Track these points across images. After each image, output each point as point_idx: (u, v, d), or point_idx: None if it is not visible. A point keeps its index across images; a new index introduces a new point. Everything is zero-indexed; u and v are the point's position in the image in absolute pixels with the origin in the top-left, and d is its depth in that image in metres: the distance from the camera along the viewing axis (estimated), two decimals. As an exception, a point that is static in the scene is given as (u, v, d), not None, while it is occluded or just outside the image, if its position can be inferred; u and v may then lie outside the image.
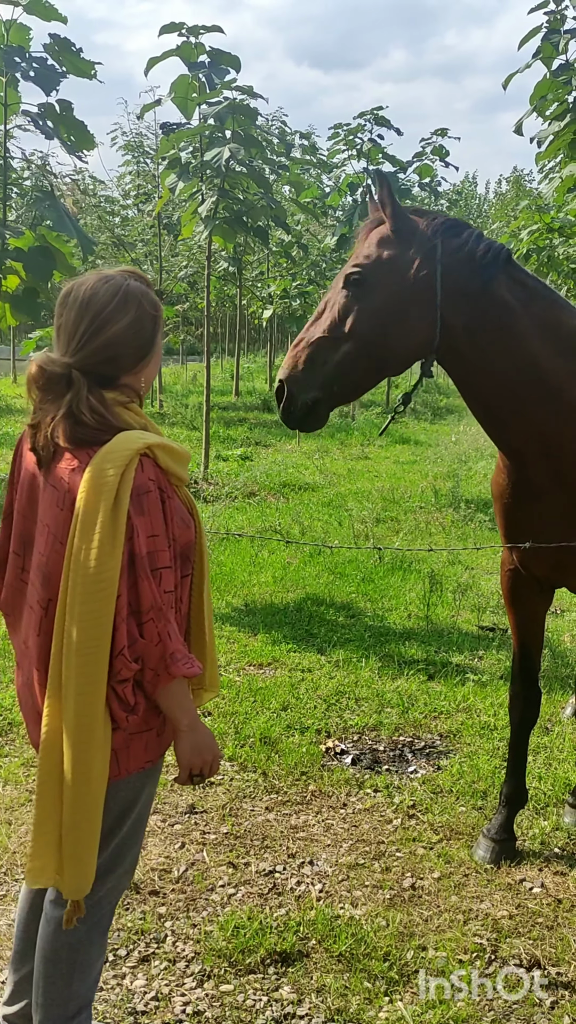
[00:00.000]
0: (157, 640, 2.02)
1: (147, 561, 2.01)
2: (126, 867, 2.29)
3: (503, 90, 8.12)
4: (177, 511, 2.16)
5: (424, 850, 3.61)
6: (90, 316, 2.09)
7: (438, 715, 4.84)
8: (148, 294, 2.18)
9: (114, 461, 1.99)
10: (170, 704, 2.10)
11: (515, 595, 3.59)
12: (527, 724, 3.67)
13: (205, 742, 2.16)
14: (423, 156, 15.35)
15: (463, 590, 6.96)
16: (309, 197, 14.16)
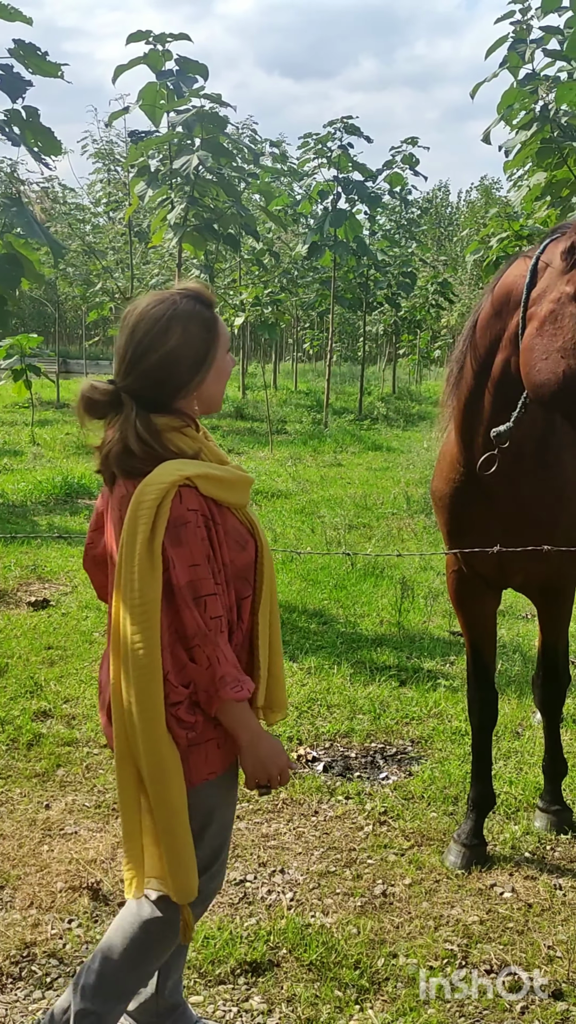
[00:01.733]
0: (207, 664, 2.06)
1: (188, 590, 2.04)
2: (214, 872, 2.31)
3: (471, 99, 8.19)
4: (232, 534, 2.19)
5: (395, 857, 3.61)
6: (136, 341, 2.11)
7: (409, 721, 4.84)
8: (200, 314, 2.16)
9: (150, 493, 2.02)
10: (229, 723, 2.14)
11: (462, 597, 3.61)
12: (487, 726, 3.68)
13: (268, 757, 2.18)
14: (393, 165, 15.48)
15: (434, 596, 6.98)
16: (280, 205, 14.20)
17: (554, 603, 3.65)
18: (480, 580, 3.54)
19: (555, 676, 3.76)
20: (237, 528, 2.21)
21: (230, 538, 2.18)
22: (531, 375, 2.75)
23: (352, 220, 14.15)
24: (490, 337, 2.99)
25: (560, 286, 2.69)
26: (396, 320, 26.30)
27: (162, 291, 2.20)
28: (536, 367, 2.72)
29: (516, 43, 8.03)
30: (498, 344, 2.96)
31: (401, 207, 20.79)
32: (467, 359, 3.10)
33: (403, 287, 21.32)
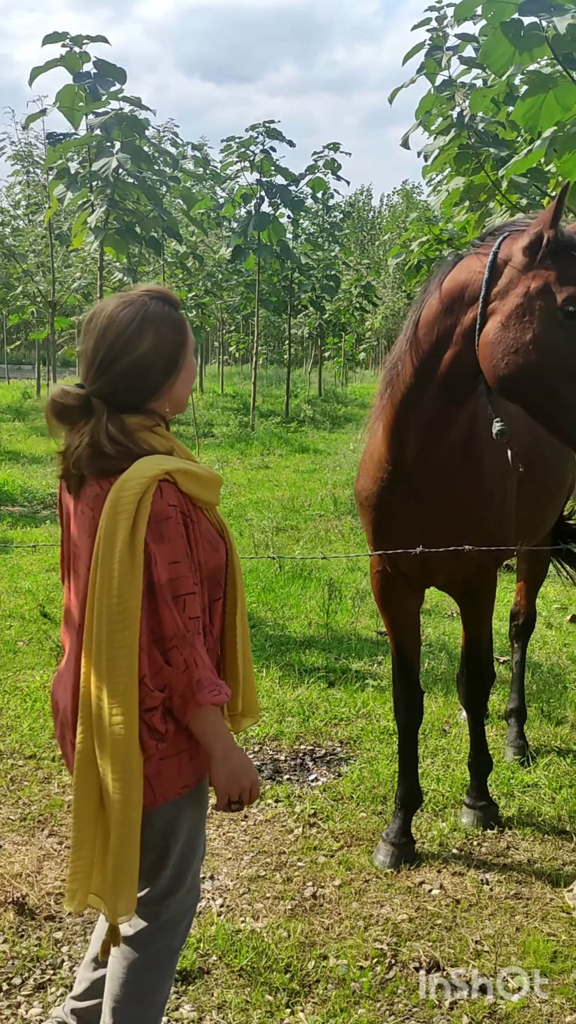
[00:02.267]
0: (184, 667, 2.00)
1: (168, 588, 2.00)
2: (188, 887, 2.26)
3: (390, 105, 8.25)
4: (205, 535, 2.15)
5: (325, 858, 3.62)
6: (107, 344, 2.06)
7: (338, 722, 4.87)
8: (169, 316, 2.13)
9: (131, 488, 1.97)
10: (202, 732, 2.07)
11: (387, 596, 3.65)
12: (413, 725, 3.73)
13: (240, 769, 2.10)
14: (315, 170, 15.53)
15: (362, 596, 7.02)
16: (202, 208, 14.17)
17: (476, 601, 3.70)
18: (404, 579, 3.58)
19: (479, 674, 3.81)
20: (209, 529, 2.19)
21: (204, 538, 2.15)
22: (497, 368, 2.80)
23: (275, 224, 14.17)
24: (437, 333, 3.00)
25: (526, 281, 2.75)
26: (321, 323, 26.43)
27: (127, 292, 2.14)
28: (504, 361, 2.77)
29: (433, 50, 8.14)
30: (448, 340, 2.98)
31: (324, 211, 20.92)
32: (406, 357, 3.13)
33: (327, 290, 21.44)
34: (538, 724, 4.89)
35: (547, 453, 3.95)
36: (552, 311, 2.67)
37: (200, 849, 2.29)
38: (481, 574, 3.58)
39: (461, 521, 3.35)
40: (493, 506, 3.42)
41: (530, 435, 3.74)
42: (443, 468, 3.16)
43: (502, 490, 3.46)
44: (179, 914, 2.25)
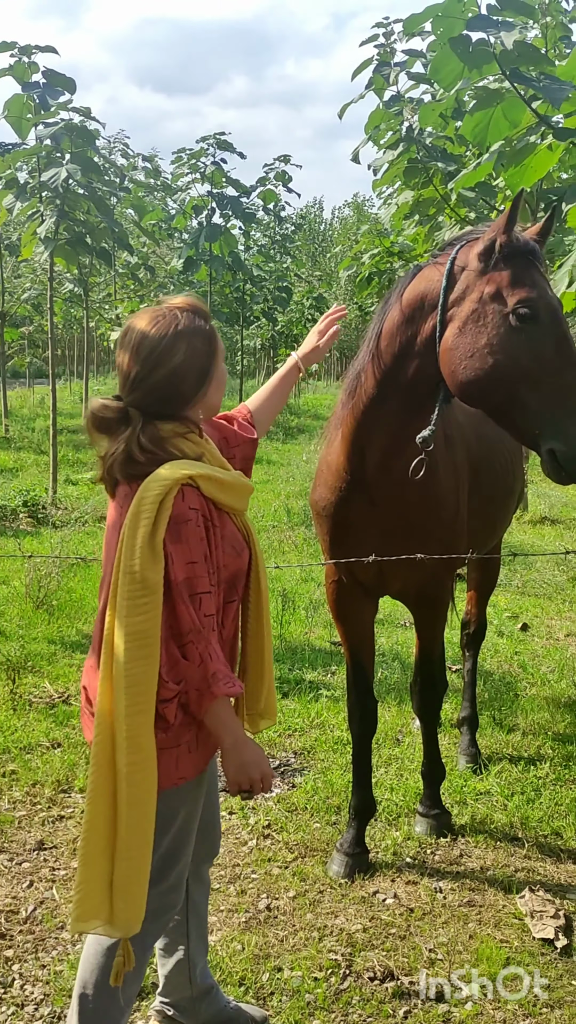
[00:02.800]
0: (199, 661, 2.10)
1: (185, 587, 2.09)
2: (170, 884, 2.29)
3: (340, 119, 8.32)
4: (229, 539, 2.26)
5: (279, 869, 3.61)
6: (141, 359, 2.16)
7: (292, 733, 4.86)
8: (199, 330, 2.22)
9: (153, 490, 2.07)
10: (214, 723, 2.16)
11: (342, 605, 3.66)
12: (367, 735, 3.73)
13: (251, 760, 2.18)
14: (266, 182, 15.57)
15: (315, 607, 7.03)
16: (153, 220, 14.14)
17: (430, 610, 3.73)
18: (359, 589, 3.60)
19: (432, 682, 3.83)
20: (234, 534, 2.29)
21: (226, 543, 2.25)
22: (456, 374, 2.84)
23: (227, 235, 14.17)
24: (400, 344, 3.04)
25: (481, 286, 2.79)
26: (273, 334, 26.48)
27: (159, 307, 2.24)
28: (462, 365, 2.81)
29: (381, 66, 8.22)
30: (410, 350, 3.01)
31: (275, 223, 20.98)
32: (369, 368, 3.16)
33: (279, 302, 21.49)
34: (490, 732, 4.93)
35: (497, 464, 3.99)
36: (506, 314, 2.71)
37: (188, 849, 2.33)
38: (435, 583, 3.60)
39: (417, 530, 3.37)
40: (447, 515, 3.46)
41: (481, 446, 3.78)
42: (402, 477, 3.19)
43: (455, 499, 3.49)
44: (154, 911, 2.25)
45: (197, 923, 2.59)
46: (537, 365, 2.67)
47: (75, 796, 4.09)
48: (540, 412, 2.68)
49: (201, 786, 2.33)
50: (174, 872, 2.29)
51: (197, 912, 2.59)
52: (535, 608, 7.45)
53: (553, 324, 2.70)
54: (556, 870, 3.67)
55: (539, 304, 2.70)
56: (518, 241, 2.78)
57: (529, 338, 2.69)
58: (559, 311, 2.74)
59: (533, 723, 5.05)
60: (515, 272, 2.75)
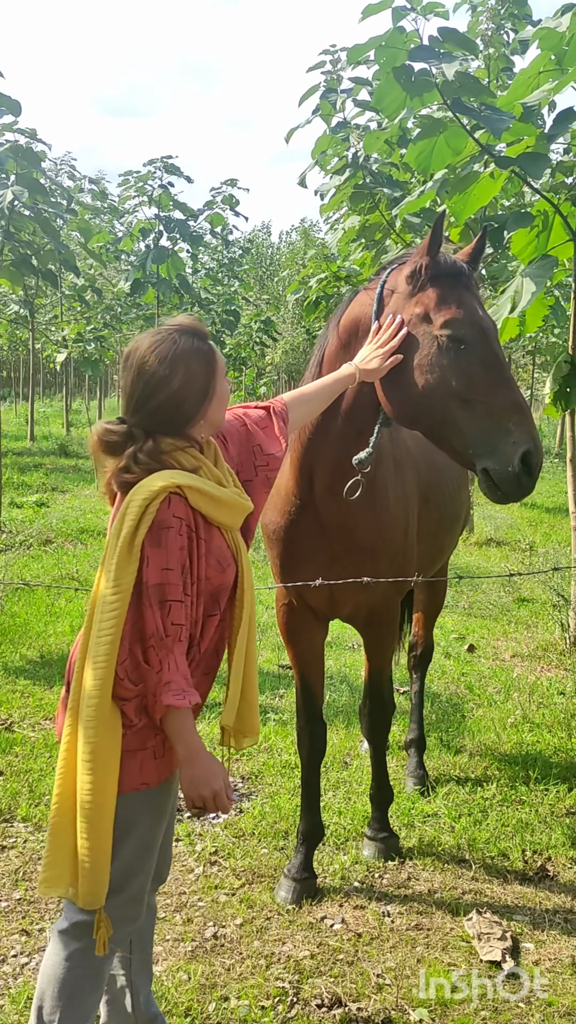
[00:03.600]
0: (158, 668, 2.12)
1: (156, 591, 2.13)
2: (130, 895, 2.28)
3: (286, 144, 8.39)
4: (215, 553, 2.29)
5: (227, 896, 3.57)
6: (142, 383, 2.25)
7: (240, 757, 4.83)
8: (198, 350, 2.29)
9: (140, 494, 2.16)
10: (170, 733, 2.16)
11: (292, 629, 3.66)
12: (316, 759, 3.72)
13: (201, 776, 2.16)
14: (214, 205, 15.62)
15: (263, 630, 7.02)
16: (100, 242, 14.09)
17: (380, 632, 3.73)
18: (310, 612, 3.59)
19: (382, 704, 3.83)
20: (222, 548, 2.32)
21: (212, 556, 2.28)
22: (388, 396, 2.86)
23: (174, 258, 14.18)
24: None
25: (409, 308, 2.82)
26: (221, 357, 26.50)
27: (159, 328, 2.32)
28: (395, 388, 2.84)
29: (328, 92, 8.32)
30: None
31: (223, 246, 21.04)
32: None
33: (227, 325, 21.52)
34: (437, 754, 4.94)
35: (446, 490, 4.03)
36: (433, 335, 2.74)
37: (150, 861, 2.31)
38: (385, 605, 3.61)
39: (366, 554, 3.38)
40: (397, 538, 3.47)
41: (430, 471, 3.81)
42: (350, 501, 3.20)
43: (405, 523, 3.51)
44: (115, 920, 2.25)
45: (141, 949, 2.55)
46: (466, 385, 2.68)
47: (18, 826, 4.01)
48: (472, 432, 2.69)
49: (165, 796, 2.33)
50: (135, 883, 2.27)
51: (141, 939, 2.55)
52: (481, 629, 7.51)
53: (482, 343, 2.72)
54: (503, 892, 3.68)
55: (465, 323, 2.72)
56: (445, 262, 2.81)
57: (457, 358, 2.71)
58: (489, 331, 2.76)
59: (480, 744, 5.07)
60: (441, 293, 2.78)
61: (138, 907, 2.32)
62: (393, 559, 3.46)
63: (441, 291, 2.78)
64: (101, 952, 2.20)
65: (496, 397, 2.67)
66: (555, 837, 4.06)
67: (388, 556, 3.44)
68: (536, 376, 28.77)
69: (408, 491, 3.54)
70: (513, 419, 2.64)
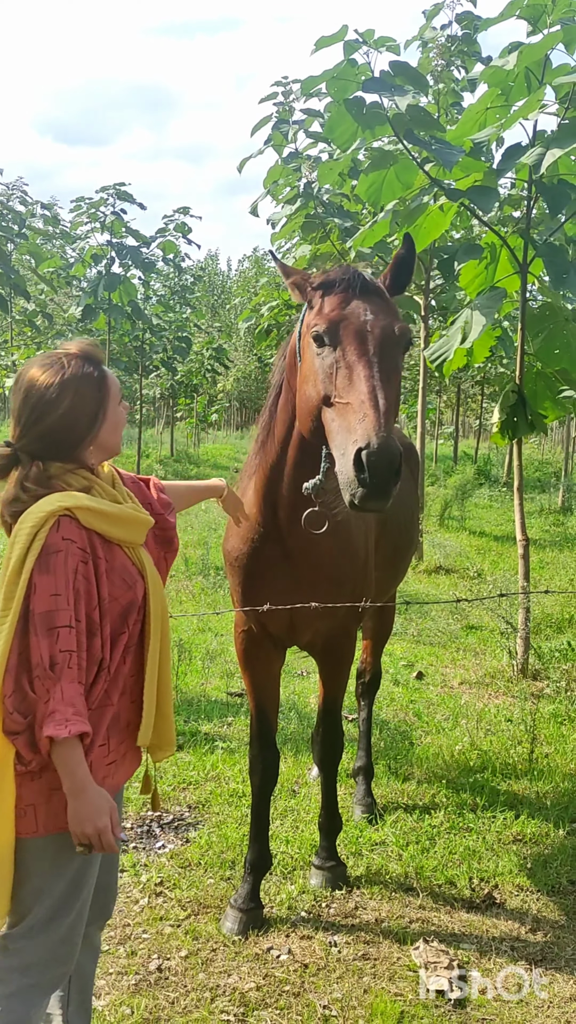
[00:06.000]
0: (45, 698, 2.04)
1: (43, 619, 2.05)
2: (60, 936, 2.18)
3: (239, 173, 8.46)
4: (119, 571, 2.24)
5: (172, 928, 3.51)
6: (30, 407, 2.20)
7: (187, 786, 4.77)
8: (87, 377, 2.24)
9: (28, 521, 2.10)
10: (56, 764, 2.06)
11: (250, 655, 3.63)
12: (267, 787, 3.69)
13: (87, 812, 2.06)
14: (166, 232, 15.66)
15: (212, 657, 6.97)
16: (51, 267, 14.04)
17: (337, 659, 3.71)
18: (269, 640, 3.57)
19: (335, 732, 3.81)
20: (126, 566, 2.27)
21: (115, 575, 2.23)
22: (298, 411, 2.92)
23: (127, 284, 14.17)
24: (288, 398, 3.09)
25: (306, 322, 2.86)
26: (173, 384, 26.49)
27: (50, 352, 2.28)
28: (299, 401, 2.91)
29: (280, 123, 8.42)
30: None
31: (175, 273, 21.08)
32: (274, 421, 3.20)
33: (179, 351, 21.54)
34: (386, 781, 4.93)
35: (402, 516, 4.05)
36: (309, 343, 2.76)
37: (83, 900, 2.23)
38: (344, 632, 3.61)
39: (330, 581, 3.37)
40: (358, 565, 3.48)
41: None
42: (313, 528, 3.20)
43: (365, 549, 3.52)
44: (43, 961, 2.17)
45: (79, 989, 2.47)
46: (328, 385, 2.64)
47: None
48: (332, 434, 2.62)
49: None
50: (65, 923, 2.18)
51: (81, 976, 2.47)
52: (430, 656, 7.54)
53: (341, 342, 2.65)
54: (450, 919, 3.66)
55: (325, 324, 2.69)
56: (331, 273, 2.85)
57: (322, 360, 2.69)
58: (350, 329, 2.66)
59: (428, 771, 5.07)
60: (319, 302, 2.80)
61: (69, 948, 2.23)
62: (355, 586, 3.46)
63: (320, 300, 2.81)
64: None
65: (350, 395, 2.55)
66: (502, 865, 4.06)
67: (350, 583, 3.44)
68: (484, 406, 29.15)
69: (368, 518, 3.54)
70: (358, 416, 2.47)
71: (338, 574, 3.40)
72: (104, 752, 2.24)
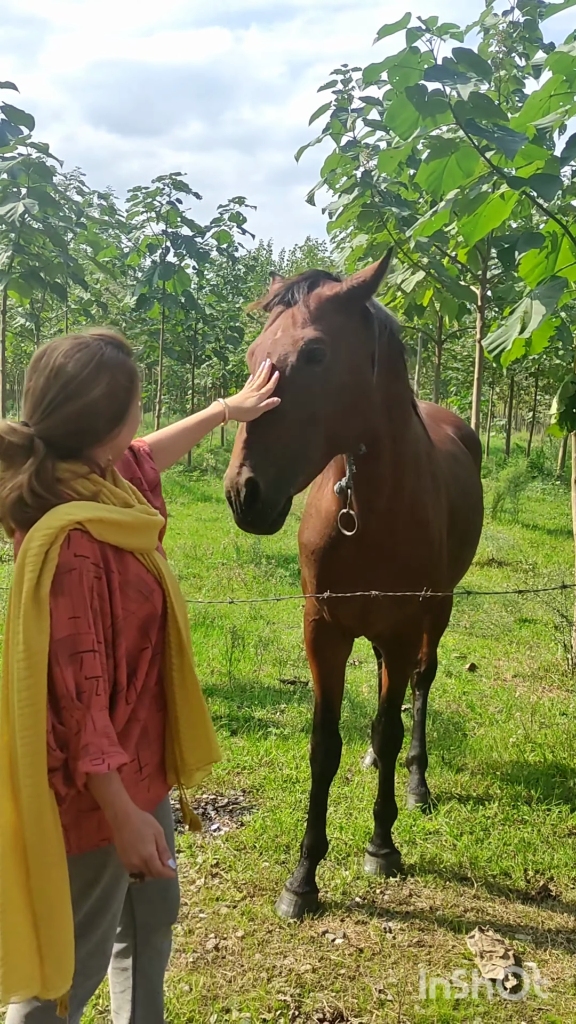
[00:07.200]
0: (76, 729, 1.91)
1: (65, 646, 1.89)
2: (91, 948, 2.12)
3: (296, 162, 8.46)
4: (135, 583, 2.05)
5: (228, 909, 3.55)
6: (59, 385, 1.99)
7: (241, 771, 4.81)
8: (124, 364, 2.09)
9: (37, 540, 1.90)
10: (95, 795, 1.96)
11: (319, 645, 3.65)
12: (328, 774, 3.71)
13: (130, 842, 1.96)
14: (221, 222, 15.71)
15: (264, 644, 7.00)
16: (108, 256, 14.17)
17: (405, 651, 3.73)
18: (339, 629, 3.58)
19: (396, 721, 3.82)
20: (141, 576, 2.09)
21: (131, 587, 2.05)
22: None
23: (181, 274, 14.26)
24: None
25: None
26: (224, 373, 26.60)
27: (80, 334, 2.08)
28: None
29: (338, 111, 8.40)
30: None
31: (229, 263, 21.16)
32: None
33: (231, 341, 21.65)
34: (439, 772, 4.92)
35: (469, 503, 4.05)
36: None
37: (111, 913, 2.16)
38: (415, 624, 3.62)
39: (407, 571, 3.38)
40: (434, 555, 3.48)
41: (456, 485, 3.84)
42: (392, 518, 3.22)
43: (440, 541, 3.52)
44: (78, 977, 2.08)
45: (145, 994, 2.43)
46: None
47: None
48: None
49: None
50: (93, 938, 2.12)
51: (148, 981, 2.43)
52: (483, 649, 7.50)
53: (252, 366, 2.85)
54: (505, 910, 3.66)
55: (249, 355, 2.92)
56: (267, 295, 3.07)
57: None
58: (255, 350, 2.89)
59: (482, 763, 5.06)
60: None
61: (98, 960, 2.17)
62: (429, 576, 3.46)
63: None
64: (62, 1014, 2.01)
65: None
66: (557, 857, 4.05)
67: (425, 573, 3.44)
68: (538, 398, 28.84)
69: (443, 507, 3.56)
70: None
71: (415, 565, 3.40)
72: (135, 768, 2.13)
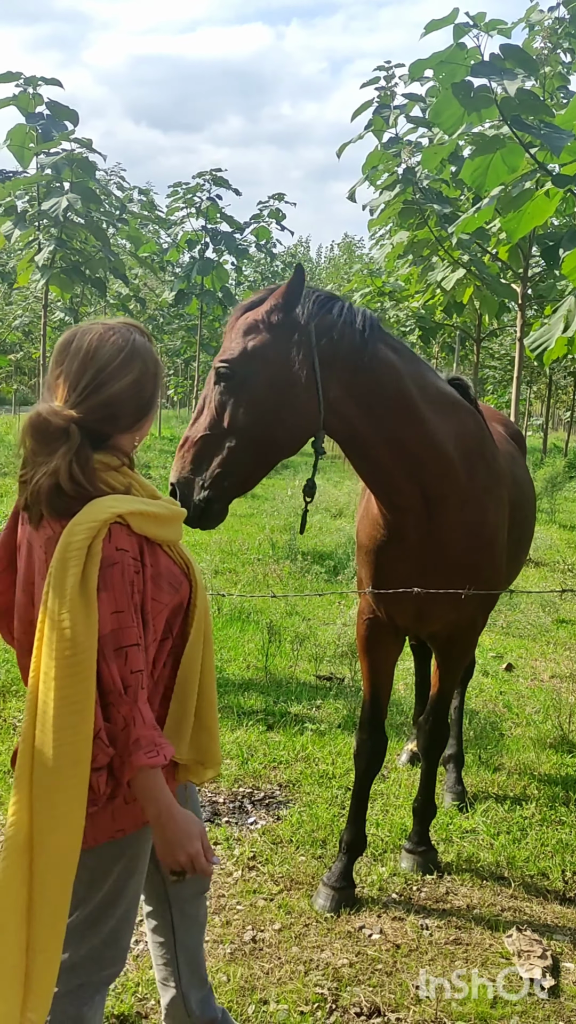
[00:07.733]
0: (123, 725, 1.89)
1: (110, 640, 1.88)
2: (105, 938, 2.10)
3: (337, 158, 8.46)
4: (165, 575, 2.05)
5: (265, 902, 3.57)
6: (95, 369, 1.99)
7: (277, 765, 4.83)
8: (152, 352, 2.10)
9: (80, 532, 1.87)
10: (138, 793, 1.94)
11: (371, 643, 3.66)
12: (372, 772, 3.73)
13: (176, 839, 1.94)
14: (260, 219, 15.74)
15: (301, 640, 7.02)
16: (147, 252, 14.24)
17: (459, 651, 3.72)
18: (391, 628, 3.59)
19: (443, 721, 3.82)
20: (170, 568, 2.08)
21: (162, 579, 2.04)
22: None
23: (219, 270, 14.32)
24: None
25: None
26: (260, 370, 26.62)
27: (105, 321, 2.08)
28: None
29: (381, 108, 8.39)
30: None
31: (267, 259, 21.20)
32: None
33: (268, 338, 21.64)
34: (475, 771, 4.91)
35: (525, 502, 4.03)
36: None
37: (127, 905, 2.14)
38: (471, 624, 3.62)
39: (465, 569, 3.36)
40: (494, 554, 3.47)
41: (515, 485, 3.82)
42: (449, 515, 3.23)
43: (499, 543, 3.50)
44: (87, 962, 2.10)
45: (187, 959, 2.44)
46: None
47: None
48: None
49: (144, 840, 2.12)
50: (105, 928, 2.10)
51: (187, 950, 2.43)
52: (519, 649, 7.47)
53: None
54: (543, 910, 3.65)
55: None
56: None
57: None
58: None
59: (519, 763, 5.04)
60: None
61: (114, 951, 2.15)
62: (489, 576, 3.45)
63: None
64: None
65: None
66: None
67: (485, 572, 3.43)
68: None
69: (504, 503, 3.54)
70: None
71: (475, 562, 3.38)
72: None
